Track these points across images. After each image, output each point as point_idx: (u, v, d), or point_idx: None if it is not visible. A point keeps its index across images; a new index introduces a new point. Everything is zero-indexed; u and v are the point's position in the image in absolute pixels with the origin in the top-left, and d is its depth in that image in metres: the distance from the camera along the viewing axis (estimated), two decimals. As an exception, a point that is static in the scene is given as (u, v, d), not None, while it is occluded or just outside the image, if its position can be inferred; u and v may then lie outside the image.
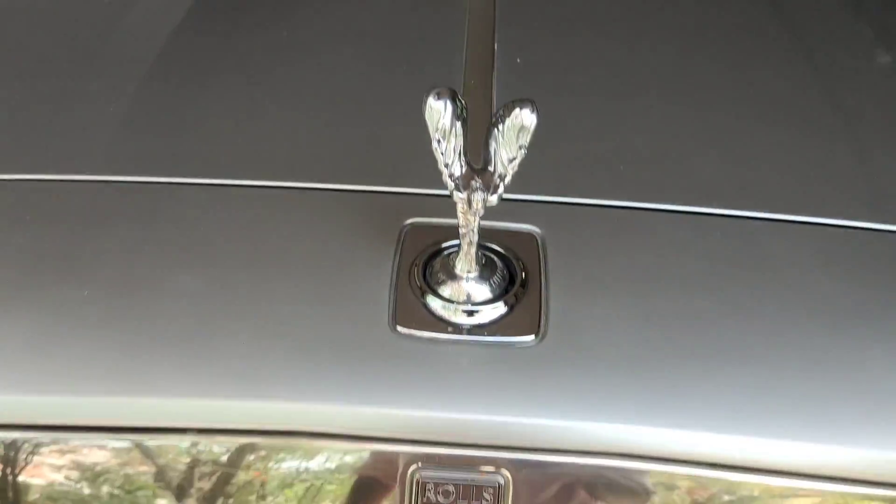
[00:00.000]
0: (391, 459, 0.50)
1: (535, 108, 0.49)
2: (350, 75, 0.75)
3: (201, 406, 0.49)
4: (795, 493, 0.50)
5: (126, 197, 0.61)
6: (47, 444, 0.51)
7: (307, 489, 0.51)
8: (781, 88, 0.76)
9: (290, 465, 0.50)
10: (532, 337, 0.52)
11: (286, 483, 0.51)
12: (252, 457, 0.51)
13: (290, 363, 0.51)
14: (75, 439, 0.51)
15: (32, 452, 0.52)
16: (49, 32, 0.83)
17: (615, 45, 0.81)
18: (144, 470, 0.51)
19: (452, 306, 0.53)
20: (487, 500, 0.50)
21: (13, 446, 0.51)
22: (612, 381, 0.51)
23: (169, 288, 0.55)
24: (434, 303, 0.54)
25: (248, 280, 0.56)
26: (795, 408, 0.50)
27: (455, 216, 0.52)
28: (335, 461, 0.50)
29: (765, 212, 0.62)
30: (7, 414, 0.50)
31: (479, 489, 0.49)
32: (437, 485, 0.49)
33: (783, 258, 0.59)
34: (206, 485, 0.51)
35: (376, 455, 0.50)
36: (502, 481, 0.49)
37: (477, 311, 0.53)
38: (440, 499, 0.50)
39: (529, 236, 0.58)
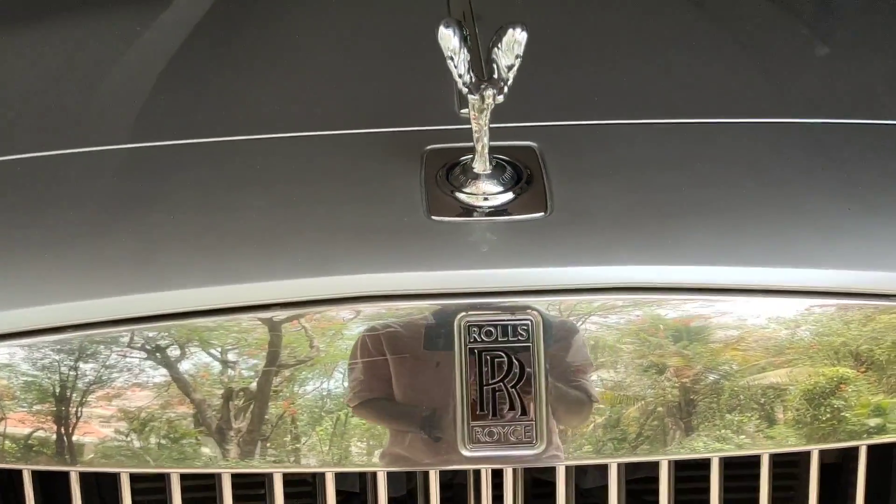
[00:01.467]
0: (444, 311, 0.61)
1: (525, 26, 0.63)
2: (365, 48, 0.90)
3: (295, 284, 0.61)
4: (756, 310, 0.62)
5: (198, 150, 0.74)
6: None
7: (373, 339, 0.62)
8: (714, 34, 0.94)
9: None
10: (542, 213, 0.65)
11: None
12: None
13: (356, 245, 0.63)
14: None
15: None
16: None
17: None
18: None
19: (474, 196, 0.66)
20: (523, 336, 0.61)
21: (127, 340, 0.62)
22: (608, 234, 0.64)
23: (243, 206, 0.67)
24: (458, 195, 0.66)
25: (306, 198, 0.68)
26: (747, 243, 0.63)
27: (468, 139, 0.66)
28: (400, 316, 0.62)
29: (706, 118, 0.77)
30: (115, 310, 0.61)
31: (514, 328, 0.61)
32: (480, 327, 0.61)
33: (728, 146, 0.73)
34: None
35: (433, 308, 0.61)
36: (533, 320, 0.61)
37: (494, 199, 0.66)
38: (484, 338, 0.61)
39: (529, 149, 0.71)
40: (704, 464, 0.65)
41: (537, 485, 0.71)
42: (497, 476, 0.65)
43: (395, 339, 0.61)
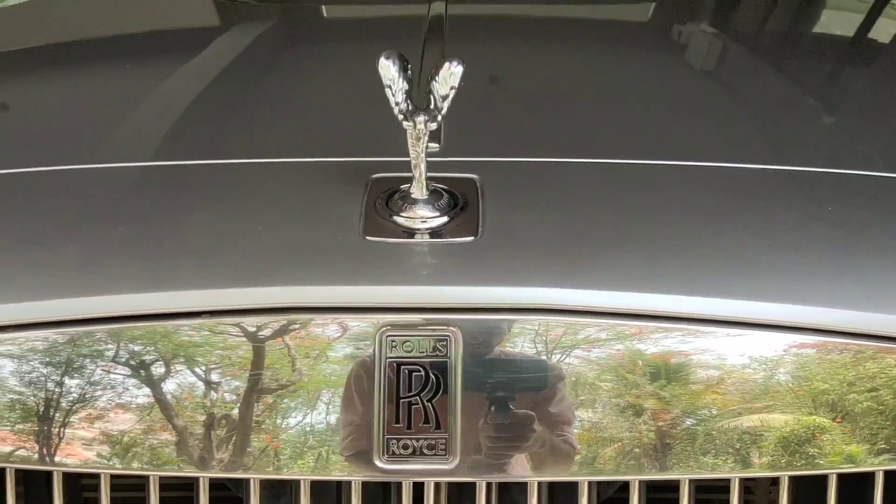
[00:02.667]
0: (366, 324, 0.64)
1: (461, 61, 0.67)
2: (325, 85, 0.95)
3: (232, 293, 0.64)
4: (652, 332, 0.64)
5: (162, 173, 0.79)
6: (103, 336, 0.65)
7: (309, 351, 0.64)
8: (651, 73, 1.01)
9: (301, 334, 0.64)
10: (472, 237, 0.68)
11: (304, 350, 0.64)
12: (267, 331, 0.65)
13: (287, 259, 0.66)
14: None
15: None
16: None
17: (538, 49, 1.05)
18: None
19: (410, 220, 0.69)
20: (441, 352, 0.63)
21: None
22: (530, 259, 0.66)
23: (191, 221, 0.70)
24: (395, 218, 0.69)
25: (250, 216, 0.71)
26: (667, 270, 0.65)
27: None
28: (329, 330, 0.64)
29: (642, 159, 0.80)
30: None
31: (433, 343, 0.63)
32: (400, 341, 0.63)
33: (660, 185, 0.76)
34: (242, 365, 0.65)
35: (355, 321, 0.64)
36: (452, 337, 0.63)
37: (428, 223, 0.69)
38: (403, 352, 0.63)
39: (470, 180, 0.74)
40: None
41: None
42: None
43: (313, 356, 0.64)
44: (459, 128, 0.77)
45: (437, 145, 0.76)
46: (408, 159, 0.71)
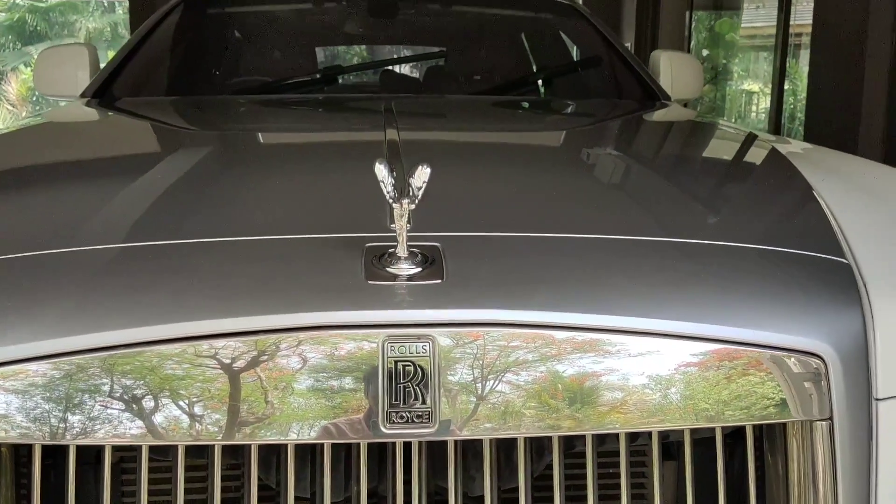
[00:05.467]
0: (374, 336, 0.95)
1: (428, 165, 1.01)
2: (318, 172, 1.29)
3: (281, 318, 0.95)
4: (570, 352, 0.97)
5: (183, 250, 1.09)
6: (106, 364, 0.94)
7: (331, 356, 0.94)
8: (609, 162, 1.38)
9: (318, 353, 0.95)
10: (439, 281, 1.00)
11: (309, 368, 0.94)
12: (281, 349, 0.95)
13: (315, 296, 0.97)
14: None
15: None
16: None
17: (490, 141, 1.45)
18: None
19: (397, 269, 1.01)
20: (425, 352, 0.94)
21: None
22: (480, 292, 0.99)
23: (234, 272, 1.01)
24: (387, 269, 1.01)
25: (265, 260, 1.02)
26: (585, 294, 1.00)
27: (395, 241, 1.02)
28: (348, 341, 0.95)
29: (554, 233, 1.14)
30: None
31: (419, 347, 0.94)
32: (397, 346, 0.94)
33: (599, 250, 1.11)
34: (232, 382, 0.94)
35: (366, 334, 0.95)
36: (431, 343, 0.95)
37: (409, 272, 1.01)
38: (399, 353, 0.94)
39: (434, 246, 1.08)
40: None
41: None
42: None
43: (340, 357, 0.95)
44: (423, 215, 1.10)
45: (410, 224, 1.09)
46: (390, 234, 1.03)
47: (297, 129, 1.96)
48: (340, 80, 2.73)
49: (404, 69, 3.36)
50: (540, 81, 2.80)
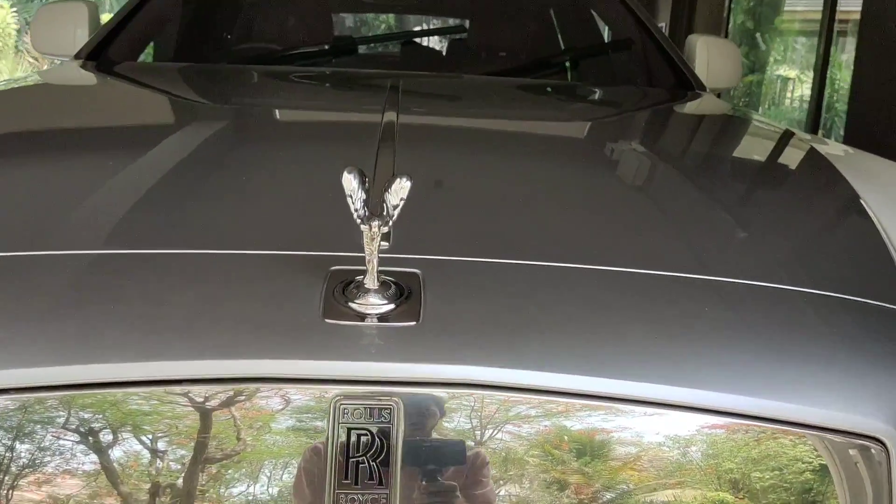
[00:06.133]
0: (322, 394, 0.75)
1: (409, 178, 0.81)
2: (289, 184, 1.09)
3: (213, 364, 0.75)
4: (578, 409, 0.77)
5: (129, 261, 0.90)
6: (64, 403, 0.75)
7: (262, 422, 0.75)
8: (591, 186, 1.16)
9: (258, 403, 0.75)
10: (414, 322, 0.80)
11: (258, 417, 0.76)
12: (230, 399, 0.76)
13: (256, 336, 0.78)
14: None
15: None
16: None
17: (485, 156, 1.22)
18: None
19: (363, 306, 0.81)
20: (385, 419, 0.75)
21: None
22: (462, 341, 0.79)
23: (171, 302, 0.82)
24: (351, 304, 0.82)
25: (222, 298, 0.83)
26: (579, 353, 0.79)
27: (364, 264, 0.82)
28: (289, 398, 0.76)
29: (557, 262, 0.93)
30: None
31: (379, 411, 0.75)
32: (352, 409, 0.75)
33: (587, 284, 0.90)
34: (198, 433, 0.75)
35: (313, 391, 0.76)
36: (395, 406, 0.75)
37: (378, 309, 0.82)
38: (354, 418, 0.75)
39: (414, 273, 0.88)
40: None
41: None
42: None
43: (280, 419, 0.75)
44: (406, 228, 0.91)
45: (387, 243, 0.90)
46: (362, 254, 0.84)
47: (286, 107, 1.76)
48: (359, 50, 2.57)
49: (425, 42, 3.16)
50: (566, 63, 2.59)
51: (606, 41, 2.89)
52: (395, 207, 0.82)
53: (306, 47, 2.39)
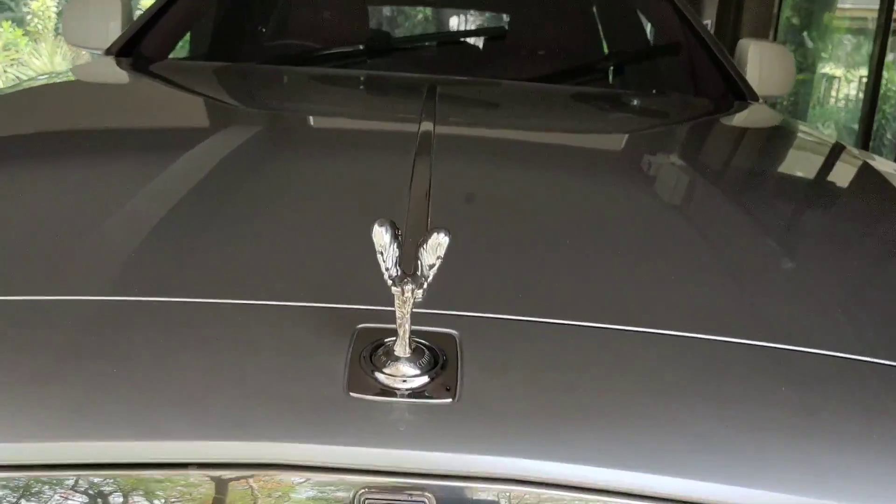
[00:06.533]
0: (344, 485, 0.66)
1: (448, 232, 0.71)
2: (315, 219, 0.99)
3: (220, 446, 0.66)
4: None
5: (138, 310, 0.80)
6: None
7: (282, 492, 0.66)
8: (644, 237, 1.03)
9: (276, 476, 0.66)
10: (450, 399, 0.70)
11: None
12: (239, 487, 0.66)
13: (272, 414, 0.68)
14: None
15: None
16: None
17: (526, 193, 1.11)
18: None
19: (392, 378, 0.71)
20: (416, 517, 0.65)
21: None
22: (505, 427, 0.68)
23: (178, 367, 0.72)
24: (378, 375, 0.72)
25: (236, 365, 0.73)
26: (630, 448, 0.68)
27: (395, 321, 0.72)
28: (303, 490, 0.66)
29: (606, 323, 0.82)
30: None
31: (410, 508, 0.65)
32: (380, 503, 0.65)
33: (625, 351, 0.79)
34: None
35: (333, 481, 0.66)
36: (427, 501, 0.65)
37: (409, 382, 0.71)
38: (380, 516, 0.65)
39: (450, 336, 0.78)
40: None
41: None
42: None
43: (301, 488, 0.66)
44: (442, 276, 0.80)
45: (420, 297, 0.79)
46: (393, 308, 0.74)
47: (318, 114, 1.67)
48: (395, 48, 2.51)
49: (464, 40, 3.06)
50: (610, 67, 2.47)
51: (651, 41, 2.77)
52: (430, 267, 0.71)
53: (341, 46, 2.31)
